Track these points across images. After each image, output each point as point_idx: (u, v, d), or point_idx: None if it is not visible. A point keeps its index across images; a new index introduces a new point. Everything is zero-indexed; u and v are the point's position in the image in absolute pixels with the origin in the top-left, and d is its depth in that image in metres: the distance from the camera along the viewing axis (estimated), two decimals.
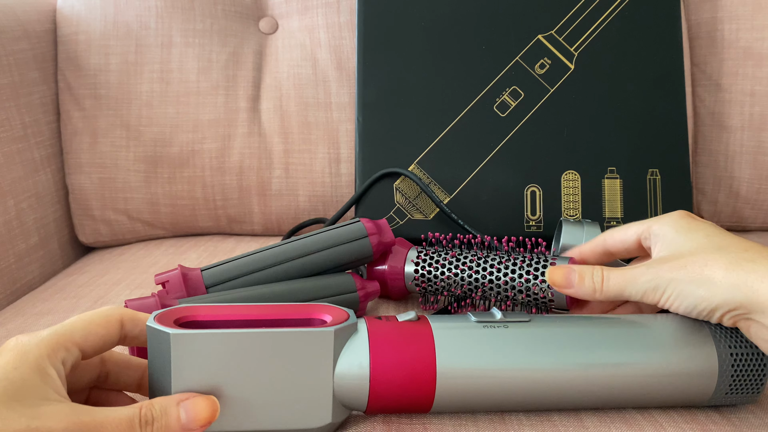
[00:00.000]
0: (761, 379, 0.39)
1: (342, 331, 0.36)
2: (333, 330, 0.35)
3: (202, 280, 0.51)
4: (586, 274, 0.42)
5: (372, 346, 0.37)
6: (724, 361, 0.39)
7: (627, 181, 0.69)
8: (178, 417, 0.33)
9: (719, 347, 0.39)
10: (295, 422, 0.36)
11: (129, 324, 0.36)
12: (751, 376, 0.39)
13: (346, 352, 0.36)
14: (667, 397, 0.39)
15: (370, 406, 0.38)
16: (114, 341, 0.35)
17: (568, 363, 0.38)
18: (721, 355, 0.39)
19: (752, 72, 0.78)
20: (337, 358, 0.36)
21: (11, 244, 0.70)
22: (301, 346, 0.35)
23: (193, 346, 0.34)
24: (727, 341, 0.39)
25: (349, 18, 0.80)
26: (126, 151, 0.78)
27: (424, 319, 0.39)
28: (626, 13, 0.71)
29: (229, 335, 0.34)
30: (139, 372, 0.38)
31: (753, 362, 0.39)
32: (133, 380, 0.38)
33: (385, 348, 0.37)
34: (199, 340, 0.34)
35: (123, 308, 0.36)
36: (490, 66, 0.71)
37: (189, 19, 0.80)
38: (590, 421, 0.39)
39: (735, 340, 0.39)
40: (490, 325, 0.39)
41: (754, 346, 0.39)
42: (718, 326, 0.40)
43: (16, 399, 0.29)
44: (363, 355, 0.37)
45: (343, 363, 0.36)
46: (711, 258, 0.38)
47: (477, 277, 0.52)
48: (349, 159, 0.78)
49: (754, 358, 0.39)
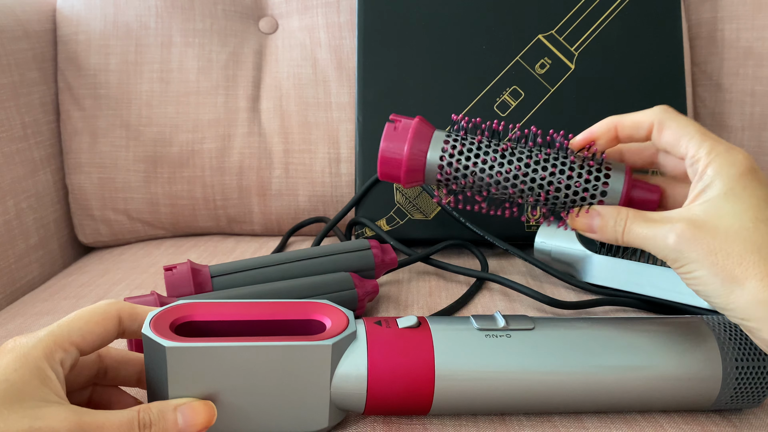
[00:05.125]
0: (766, 385, 0.39)
1: (340, 343, 0.36)
2: (331, 344, 0.35)
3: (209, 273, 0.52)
4: (609, 220, 0.38)
5: (370, 357, 0.36)
6: (728, 368, 0.38)
7: None
8: (175, 421, 0.33)
9: (724, 353, 0.38)
10: (292, 427, 0.36)
11: (127, 320, 0.36)
12: (755, 382, 0.38)
13: (344, 363, 0.36)
14: (670, 401, 0.39)
15: (367, 411, 0.38)
16: (112, 337, 0.35)
17: (571, 370, 0.38)
18: (725, 360, 0.38)
19: (753, 72, 0.78)
20: (334, 369, 0.36)
21: (11, 244, 0.70)
22: (298, 358, 0.35)
23: (189, 358, 0.34)
24: (732, 347, 0.38)
25: (349, 18, 0.80)
26: (126, 151, 0.78)
27: (425, 325, 0.38)
28: (626, 13, 0.71)
29: (225, 348, 0.34)
30: (138, 367, 0.38)
31: (758, 369, 0.38)
32: (132, 375, 0.38)
33: (383, 359, 0.36)
34: (195, 352, 0.34)
35: (121, 303, 0.36)
36: (490, 66, 0.71)
37: (189, 19, 0.79)
38: (590, 422, 0.39)
39: (740, 346, 0.38)
40: (492, 334, 0.38)
41: (760, 353, 0.38)
42: (723, 330, 0.39)
43: (18, 401, 0.29)
44: (361, 366, 0.36)
45: (340, 373, 0.36)
46: (749, 259, 0.33)
47: (533, 176, 0.42)
48: (349, 159, 0.78)
49: (759, 364, 0.38)
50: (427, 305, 0.57)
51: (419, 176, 0.44)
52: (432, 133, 0.44)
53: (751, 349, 0.39)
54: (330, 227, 0.72)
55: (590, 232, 0.40)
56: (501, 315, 0.39)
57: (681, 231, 0.35)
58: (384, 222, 0.70)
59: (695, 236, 0.34)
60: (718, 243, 0.33)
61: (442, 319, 0.40)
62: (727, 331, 0.39)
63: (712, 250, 0.33)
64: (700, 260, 0.34)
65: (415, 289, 0.61)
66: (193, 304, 0.37)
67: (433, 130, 0.44)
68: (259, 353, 0.34)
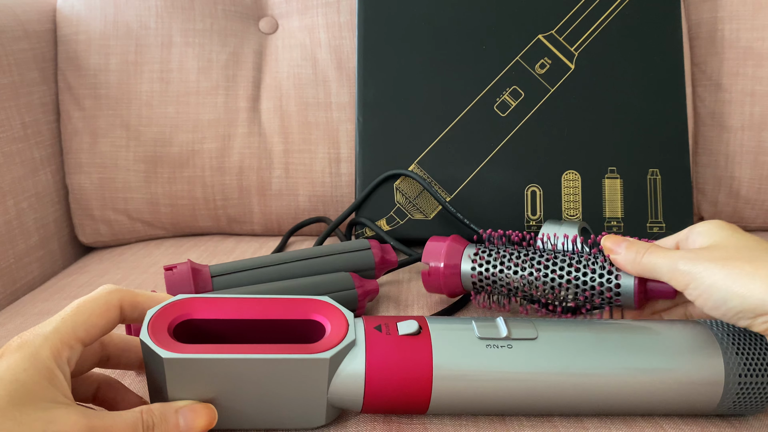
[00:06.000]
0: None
1: (338, 354, 0.35)
2: (329, 357, 0.35)
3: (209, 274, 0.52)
4: (635, 245, 0.42)
5: (368, 368, 0.36)
6: (731, 373, 0.37)
7: (627, 181, 0.69)
8: (176, 423, 0.33)
9: (726, 358, 0.38)
10: (289, 425, 0.37)
11: (128, 308, 0.36)
12: (758, 388, 0.38)
13: (342, 372, 0.36)
14: (671, 406, 0.38)
15: (364, 410, 0.38)
16: (114, 326, 0.35)
17: (573, 377, 0.37)
18: (728, 366, 0.37)
19: (752, 72, 0.78)
20: (332, 378, 0.36)
21: (11, 244, 0.70)
22: (295, 369, 0.35)
23: (186, 367, 0.34)
24: (735, 352, 0.38)
25: (349, 18, 0.80)
26: (126, 151, 0.78)
27: (425, 330, 0.38)
28: (626, 13, 0.71)
29: (222, 360, 0.34)
30: (140, 353, 0.38)
31: (762, 375, 0.37)
32: (134, 361, 0.38)
33: (382, 370, 0.36)
34: (193, 363, 0.34)
35: (122, 291, 0.36)
36: (490, 66, 0.71)
37: (189, 19, 0.79)
38: (591, 423, 0.39)
39: (744, 352, 0.38)
40: (494, 344, 0.37)
41: (763, 359, 0.38)
42: (727, 335, 0.39)
43: (29, 402, 0.29)
44: (359, 376, 0.36)
45: (337, 382, 0.36)
46: (757, 256, 0.35)
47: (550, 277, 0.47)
48: (349, 159, 0.78)
49: (763, 371, 0.37)
50: (427, 305, 0.57)
51: None
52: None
53: (754, 355, 0.38)
54: (333, 228, 0.72)
55: (615, 253, 0.43)
56: (503, 322, 0.38)
57: (692, 249, 0.39)
58: (384, 222, 0.70)
59: (706, 249, 0.38)
60: (727, 251, 0.37)
61: (444, 323, 0.39)
62: (730, 337, 0.38)
63: (722, 256, 0.36)
64: (711, 267, 0.36)
65: (415, 289, 0.61)
66: (193, 300, 0.37)
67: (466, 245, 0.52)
68: (256, 365, 0.34)
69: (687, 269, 0.37)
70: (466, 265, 0.51)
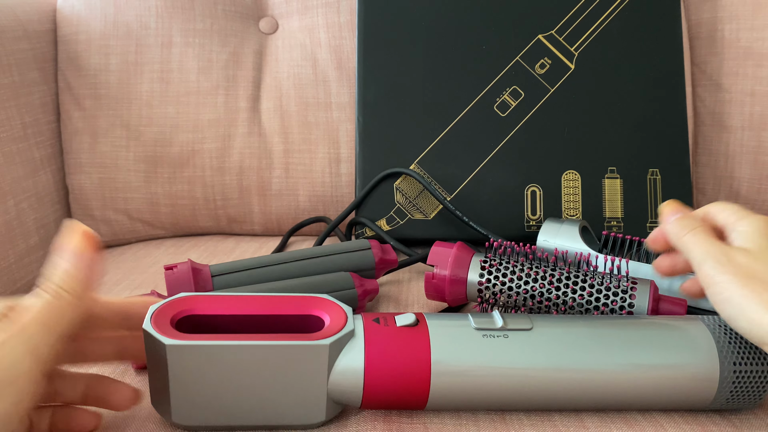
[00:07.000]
0: (763, 386, 0.38)
1: (338, 342, 0.36)
2: (328, 344, 0.35)
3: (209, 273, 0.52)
4: (683, 221, 0.40)
5: (367, 357, 0.36)
6: (726, 368, 0.38)
7: (627, 181, 0.69)
8: None
9: (721, 354, 0.38)
10: (289, 420, 0.37)
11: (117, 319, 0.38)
12: (753, 383, 0.38)
13: (341, 361, 0.36)
14: (666, 400, 0.39)
15: (364, 407, 0.38)
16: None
17: (568, 369, 0.38)
18: (723, 361, 0.38)
19: (752, 72, 0.78)
20: (332, 367, 0.36)
21: (11, 244, 0.70)
22: (296, 356, 0.35)
23: (188, 355, 0.34)
24: (730, 347, 0.38)
25: (349, 18, 0.80)
26: (126, 151, 0.78)
27: (422, 323, 0.39)
28: (626, 13, 0.71)
29: (224, 346, 0.34)
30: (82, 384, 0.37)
31: (756, 370, 0.38)
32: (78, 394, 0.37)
33: (380, 358, 0.37)
34: (194, 350, 0.34)
35: None
36: (490, 66, 0.71)
37: (189, 19, 0.80)
38: (590, 421, 0.39)
39: (738, 347, 0.38)
40: (489, 334, 0.38)
41: (757, 354, 0.38)
42: (722, 331, 0.39)
43: None
44: (358, 365, 0.36)
45: (337, 371, 0.36)
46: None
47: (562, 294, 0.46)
48: (349, 159, 0.78)
49: (757, 366, 0.38)
50: (427, 305, 0.57)
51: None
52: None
53: (748, 350, 0.38)
54: (333, 227, 0.72)
55: (668, 218, 0.42)
56: (499, 314, 0.39)
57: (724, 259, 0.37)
58: (384, 222, 0.70)
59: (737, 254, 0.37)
60: (753, 267, 0.35)
61: (441, 316, 0.40)
62: (725, 332, 0.39)
63: (748, 273, 0.35)
64: (732, 281, 0.35)
65: (415, 289, 0.61)
66: (195, 298, 0.38)
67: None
68: (257, 351, 0.35)
69: (711, 273, 0.37)
70: (473, 275, 0.49)
